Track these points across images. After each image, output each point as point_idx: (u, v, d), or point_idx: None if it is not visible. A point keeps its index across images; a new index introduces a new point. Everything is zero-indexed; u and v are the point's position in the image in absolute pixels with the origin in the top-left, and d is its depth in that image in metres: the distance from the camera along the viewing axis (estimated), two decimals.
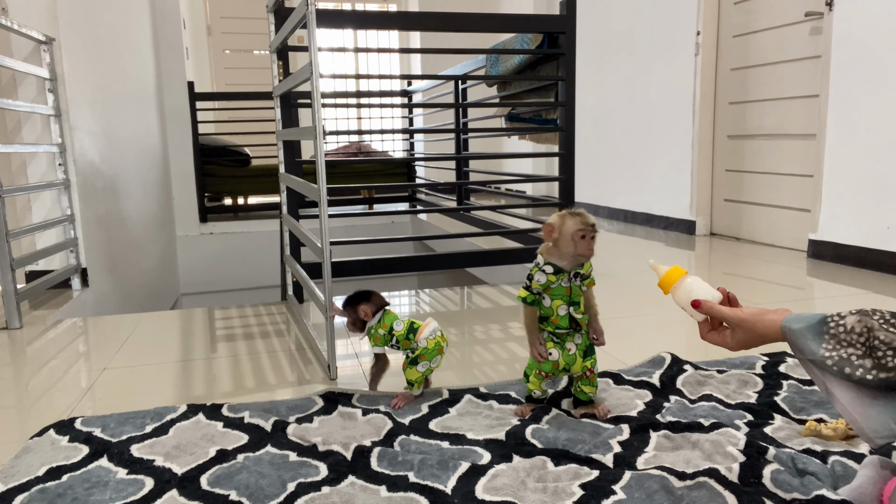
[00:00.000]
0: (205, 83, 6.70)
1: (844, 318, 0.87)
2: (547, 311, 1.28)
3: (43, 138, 2.66)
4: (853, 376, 0.84)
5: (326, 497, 1.04)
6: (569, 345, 1.28)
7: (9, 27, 2.31)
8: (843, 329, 0.86)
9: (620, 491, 1.01)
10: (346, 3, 7.33)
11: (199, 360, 1.83)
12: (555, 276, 1.25)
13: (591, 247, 1.23)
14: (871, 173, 2.73)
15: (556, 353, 1.28)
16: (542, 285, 1.26)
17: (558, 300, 1.26)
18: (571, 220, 1.24)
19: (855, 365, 0.84)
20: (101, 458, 1.19)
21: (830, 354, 0.86)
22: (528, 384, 1.34)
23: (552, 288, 1.26)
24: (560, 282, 1.26)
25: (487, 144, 6.74)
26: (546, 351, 1.27)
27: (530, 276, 1.27)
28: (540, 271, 1.26)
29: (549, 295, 1.27)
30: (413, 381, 1.40)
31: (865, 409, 0.84)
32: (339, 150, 5.70)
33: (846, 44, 2.81)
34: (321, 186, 1.54)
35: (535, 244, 2.80)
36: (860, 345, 0.85)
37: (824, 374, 0.88)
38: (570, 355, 1.28)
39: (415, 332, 1.40)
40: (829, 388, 0.88)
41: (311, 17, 1.52)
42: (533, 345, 1.29)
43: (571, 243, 1.23)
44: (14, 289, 2.21)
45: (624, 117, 4.59)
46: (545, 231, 1.25)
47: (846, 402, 0.85)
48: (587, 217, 1.24)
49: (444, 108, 5.36)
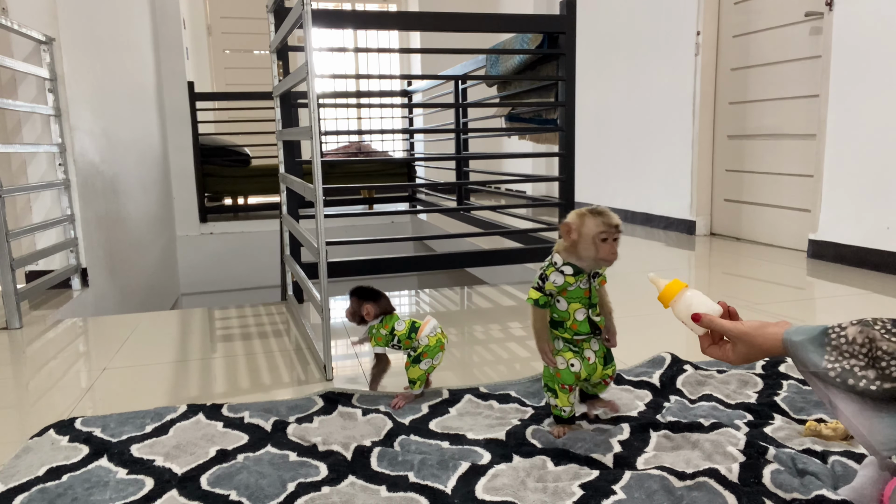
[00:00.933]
0: (205, 83, 6.70)
1: (846, 329, 0.86)
2: (563, 315, 1.17)
3: (43, 138, 2.66)
4: (857, 387, 0.83)
5: (326, 497, 1.04)
6: (587, 353, 1.19)
7: (9, 27, 2.31)
8: (845, 340, 0.85)
9: (620, 491, 1.01)
10: (346, 3, 7.33)
11: (199, 360, 1.83)
12: (573, 278, 1.14)
13: (614, 250, 1.12)
14: (871, 173, 2.73)
15: (578, 364, 1.17)
16: (557, 287, 1.14)
17: (576, 303, 1.15)
18: (592, 221, 1.12)
19: (858, 376, 0.83)
20: (101, 458, 1.19)
21: (833, 366, 0.85)
22: (557, 401, 1.20)
23: (569, 290, 1.14)
24: (579, 283, 1.14)
25: (487, 144, 6.74)
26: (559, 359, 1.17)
27: (543, 276, 1.15)
28: (557, 272, 1.14)
29: (565, 298, 1.15)
30: (416, 379, 1.41)
31: (870, 421, 0.83)
32: (339, 150, 5.70)
33: (846, 44, 2.81)
34: (317, 187, 1.54)
35: (535, 244, 2.80)
36: (862, 356, 0.84)
37: (827, 386, 0.87)
38: (591, 364, 1.18)
39: (416, 331, 1.40)
40: (832, 401, 0.87)
41: (307, 18, 1.52)
42: (544, 352, 1.18)
43: (592, 246, 1.11)
44: (14, 289, 2.21)
45: (624, 117, 4.59)
46: (563, 231, 1.14)
47: (850, 414, 0.84)
48: (610, 217, 1.12)
49: (444, 109, 5.36)
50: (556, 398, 1.19)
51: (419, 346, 1.39)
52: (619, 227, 1.12)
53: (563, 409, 1.21)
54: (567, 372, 1.17)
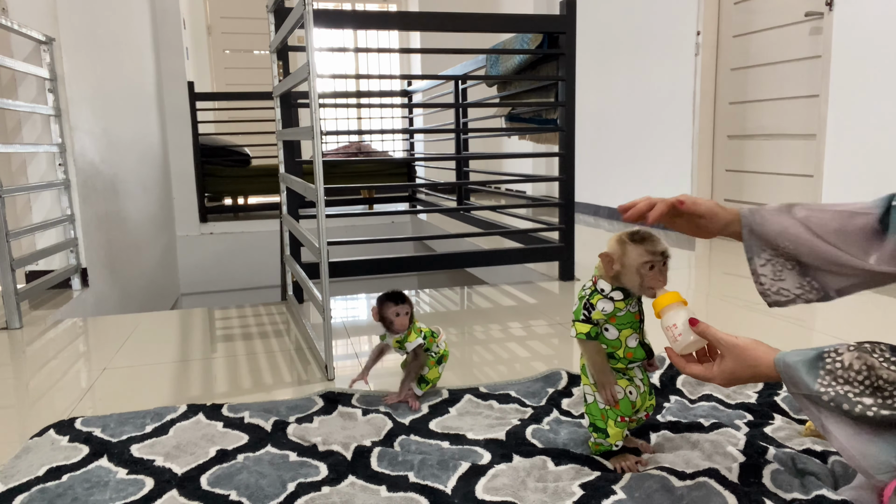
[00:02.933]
0: (205, 83, 6.70)
1: (842, 354, 0.84)
2: (613, 343, 1.06)
3: (43, 138, 2.66)
4: (852, 412, 0.81)
5: (326, 497, 1.04)
6: (637, 381, 1.09)
7: (9, 27, 2.31)
8: (841, 365, 0.83)
9: (620, 491, 1.01)
10: (346, 3, 7.33)
11: (199, 360, 1.83)
12: (623, 303, 1.05)
13: (663, 279, 1.02)
14: (871, 173, 2.73)
15: (635, 392, 1.08)
16: (606, 315, 1.04)
17: (627, 329, 1.06)
18: (635, 250, 1.01)
19: (853, 402, 0.81)
20: (101, 458, 1.19)
21: (826, 390, 0.83)
22: (609, 439, 1.09)
23: (619, 316, 1.05)
24: (628, 307, 1.05)
25: (487, 144, 6.73)
26: (617, 392, 1.07)
27: (590, 306, 1.05)
28: (605, 299, 1.04)
29: (614, 325, 1.05)
30: (432, 380, 1.44)
31: (864, 447, 0.81)
32: (339, 150, 5.70)
33: (846, 44, 2.81)
34: (318, 187, 1.54)
35: (535, 244, 2.80)
36: (858, 382, 0.82)
37: (819, 409, 0.85)
38: (642, 393, 1.10)
39: (434, 336, 1.44)
40: (824, 425, 0.84)
41: (309, 17, 1.52)
42: (606, 386, 1.06)
43: (637, 276, 1.01)
44: (14, 289, 2.21)
45: (624, 117, 4.59)
46: (604, 263, 1.05)
47: (843, 438, 0.82)
48: (655, 243, 1.02)
49: (444, 108, 5.37)
50: (605, 437, 1.09)
51: (440, 350, 1.44)
52: (665, 254, 1.02)
53: (615, 444, 1.09)
54: (626, 402, 1.07)
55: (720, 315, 2.14)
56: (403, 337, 1.39)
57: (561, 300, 2.43)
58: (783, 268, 1.04)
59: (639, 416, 1.12)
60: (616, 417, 1.07)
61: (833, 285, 1.00)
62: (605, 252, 1.05)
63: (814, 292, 1.02)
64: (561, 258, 2.65)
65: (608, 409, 1.08)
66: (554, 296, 2.49)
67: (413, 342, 1.39)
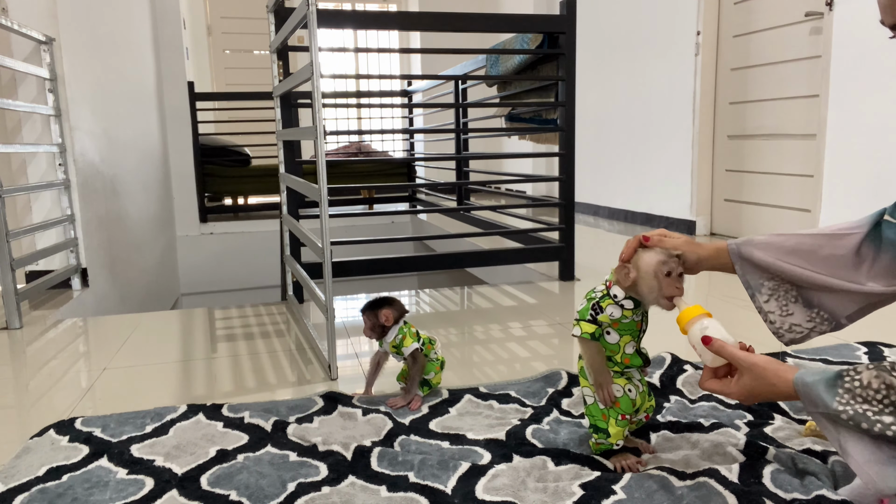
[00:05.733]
0: (205, 83, 6.70)
1: (861, 373, 0.83)
2: (612, 348, 1.08)
3: (43, 138, 2.66)
4: (871, 431, 0.80)
5: (326, 497, 1.04)
6: (635, 381, 1.12)
7: (9, 27, 2.31)
8: (860, 384, 0.83)
9: (620, 491, 1.01)
10: (346, 3, 7.33)
11: (199, 360, 1.83)
12: (631, 311, 1.06)
13: (680, 287, 1.02)
14: (871, 173, 2.73)
15: (634, 390, 1.10)
16: (613, 320, 1.06)
17: (627, 336, 1.08)
18: (648, 253, 1.02)
19: (872, 420, 0.80)
20: (102, 459, 1.19)
21: (844, 408, 0.82)
22: (610, 439, 1.09)
23: (623, 323, 1.07)
24: (633, 317, 1.07)
25: (487, 144, 6.73)
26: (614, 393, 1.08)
27: (599, 308, 1.06)
28: (615, 305, 1.05)
29: (616, 330, 1.07)
30: (435, 385, 1.45)
31: (883, 467, 0.80)
32: (340, 150, 5.70)
33: (846, 44, 2.81)
34: (322, 187, 1.54)
35: (535, 244, 2.80)
36: (877, 401, 0.81)
37: (838, 428, 0.84)
38: (641, 392, 1.12)
39: (432, 343, 1.45)
40: (842, 445, 0.84)
41: (312, 18, 1.52)
42: (604, 386, 1.08)
43: (655, 281, 1.01)
44: (14, 289, 2.21)
45: (624, 117, 4.59)
46: (620, 275, 1.04)
47: (861, 459, 0.82)
48: (668, 249, 1.03)
49: (444, 109, 5.37)
50: (606, 436, 1.09)
51: (438, 356, 1.45)
52: (681, 258, 1.03)
53: (616, 443, 1.10)
54: (626, 399, 1.08)
55: (720, 316, 2.14)
56: (399, 342, 1.39)
57: (561, 300, 2.43)
58: (787, 301, 1.04)
59: (639, 418, 1.14)
60: (617, 416, 1.08)
61: (841, 312, 1.01)
62: (620, 265, 1.05)
63: (825, 323, 1.03)
64: (561, 258, 2.65)
65: (610, 409, 1.09)
66: (554, 296, 2.49)
67: (409, 347, 1.39)
